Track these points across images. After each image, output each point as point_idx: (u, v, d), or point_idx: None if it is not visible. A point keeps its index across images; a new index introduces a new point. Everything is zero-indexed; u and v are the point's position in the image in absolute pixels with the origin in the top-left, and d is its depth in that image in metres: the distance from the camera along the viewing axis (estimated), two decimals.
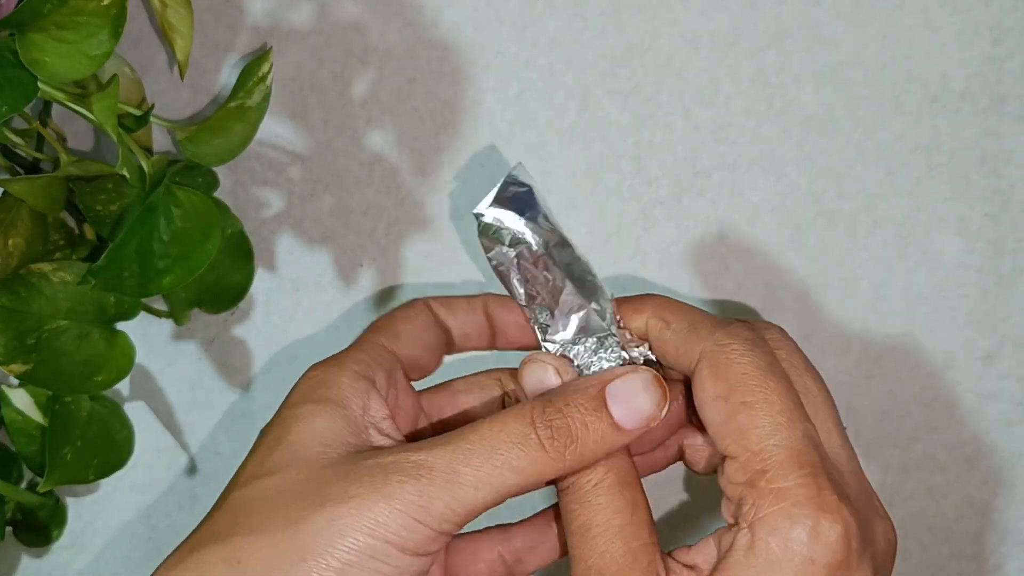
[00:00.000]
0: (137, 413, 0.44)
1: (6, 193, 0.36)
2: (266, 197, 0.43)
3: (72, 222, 0.41)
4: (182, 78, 0.41)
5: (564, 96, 0.41)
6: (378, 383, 0.32)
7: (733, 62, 0.41)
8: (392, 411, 0.32)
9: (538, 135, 0.42)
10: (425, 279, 0.43)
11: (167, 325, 0.43)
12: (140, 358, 0.41)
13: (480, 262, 0.42)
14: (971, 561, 0.40)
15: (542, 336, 0.33)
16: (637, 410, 0.30)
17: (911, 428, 0.41)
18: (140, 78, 0.41)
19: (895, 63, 0.40)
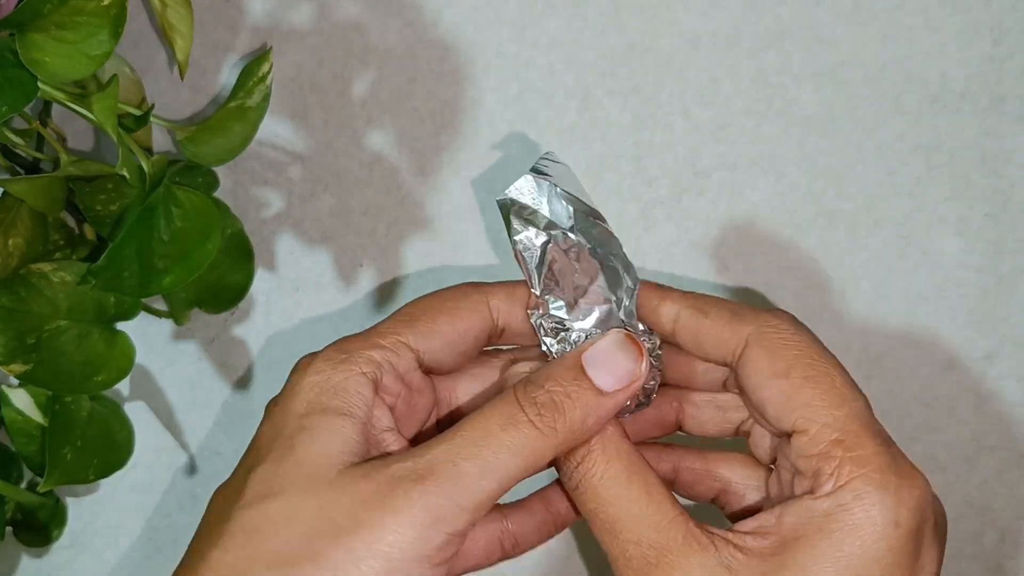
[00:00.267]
0: (137, 413, 0.44)
1: (6, 193, 0.36)
2: (266, 197, 0.43)
3: (72, 222, 0.41)
4: (182, 78, 0.41)
5: (564, 96, 0.41)
6: (387, 387, 0.31)
7: (733, 62, 0.41)
8: (402, 414, 0.32)
9: (538, 135, 0.42)
10: (425, 279, 0.43)
11: (167, 325, 0.43)
12: (140, 358, 0.41)
13: (481, 260, 0.42)
14: (971, 561, 0.40)
15: (543, 333, 0.33)
16: (616, 370, 0.30)
17: (911, 428, 0.41)
18: (140, 78, 0.41)
19: (895, 63, 0.40)
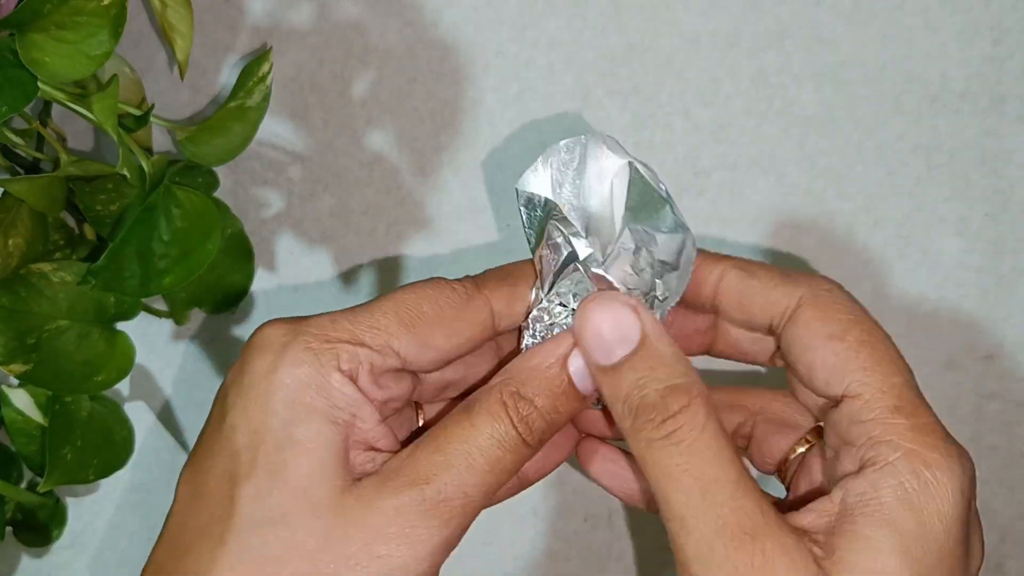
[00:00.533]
0: (137, 413, 0.44)
1: (6, 193, 0.36)
2: (266, 197, 0.43)
3: (72, 222, 0.41)
4: (182, 78, 0.41)
5: (564, 96, 0.41)
6: (363, 387, 0.29)
7: (733, 62, 0.41)
8: (379, 408, 0.30)
9: (538, 135, 0.42)
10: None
11: (167, 325, 0.43)
12: (140, 358, 0.41)
13: (482, 260, 0.42)
14: None
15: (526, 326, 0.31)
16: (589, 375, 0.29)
17: None
18: (140, 78, 0.41)
19: (895, 63, 0.40)
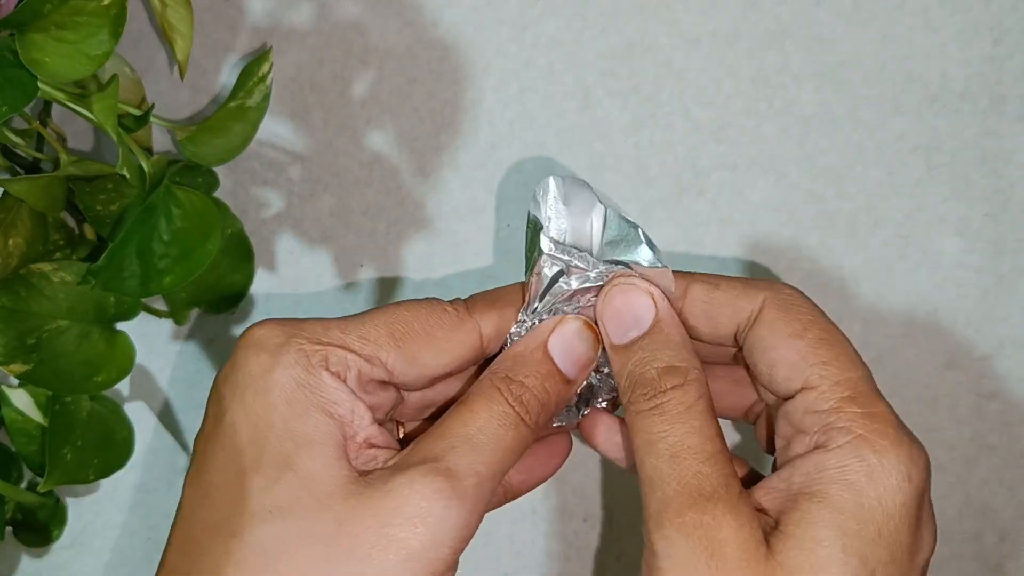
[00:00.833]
0: (137, 413, 0.44)
1: (6, 193, 0.36)
2: (266, 197, 0.43)
3: (72, 222, 0.41)
4: (182, 78, 0.41)
5: (564, 96, 0.41)
6: (351, 387, 0.30)
7: (733, 62, 0.41)
8: (372, 408, 0.31)
9: (538, 135, 0.42)
10: (425, 279, 0.43)
11: (167, 325, 0.43)
12: (140, 358, 0.41)
13: (481, 260, 0.42)
14: (971, 561, 0.40)
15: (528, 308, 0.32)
16: (575, 358, 0.31)
17: (911, 428, 0.41)
18: (140, 78, 0.41)
19: (895, 63, 0.40)
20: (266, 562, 0.27)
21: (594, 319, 0.32)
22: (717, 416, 0.31)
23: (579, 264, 0.32)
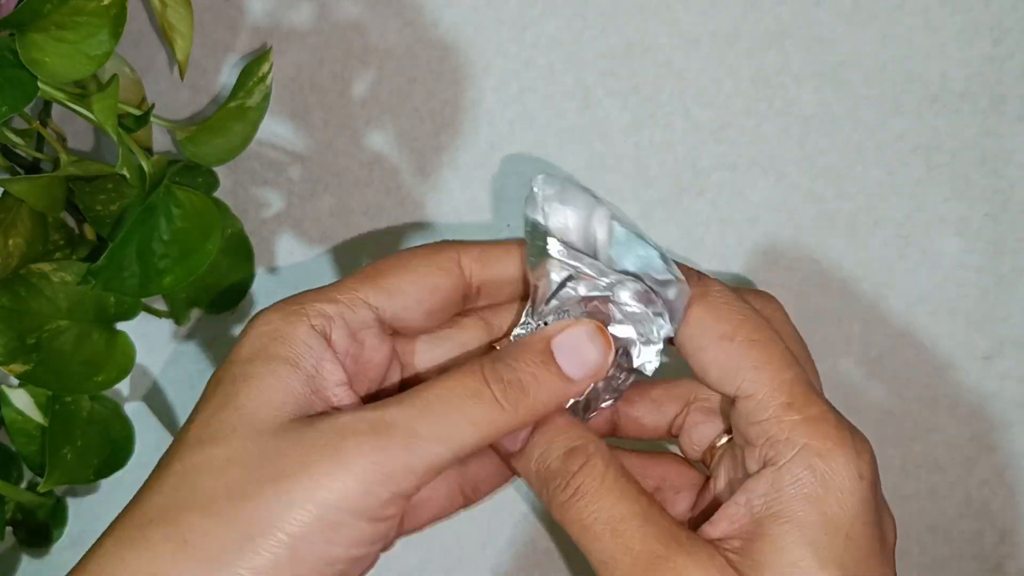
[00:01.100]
0: (137, 413, 0.44)
1: (6, 193, 0.36)
2: (266, 197, 0.43)
3: (72, 222, 0.41)
4: (182, 78, 0.41)
5: (564, 96, 0.41)
6: (337, 342, 0.30)
7: (733, 62, 0.41)
8: (352, 372, 0.31)
9: (538, 135, 0.42)
10: None
11: (167, 325, 0.43)
12: (140, 358, 0.41)
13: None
14: (971, 561, 0.40)
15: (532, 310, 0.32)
16: (583, 360, 0.30)
17: (911, 428, 0.41)
18: (140, 78, 0.41)
19: (895, 63, 0.40)
20: (182, 482, 0.28)
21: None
22: (641, 438, 0.32)
23: (588, 271, 0.31)
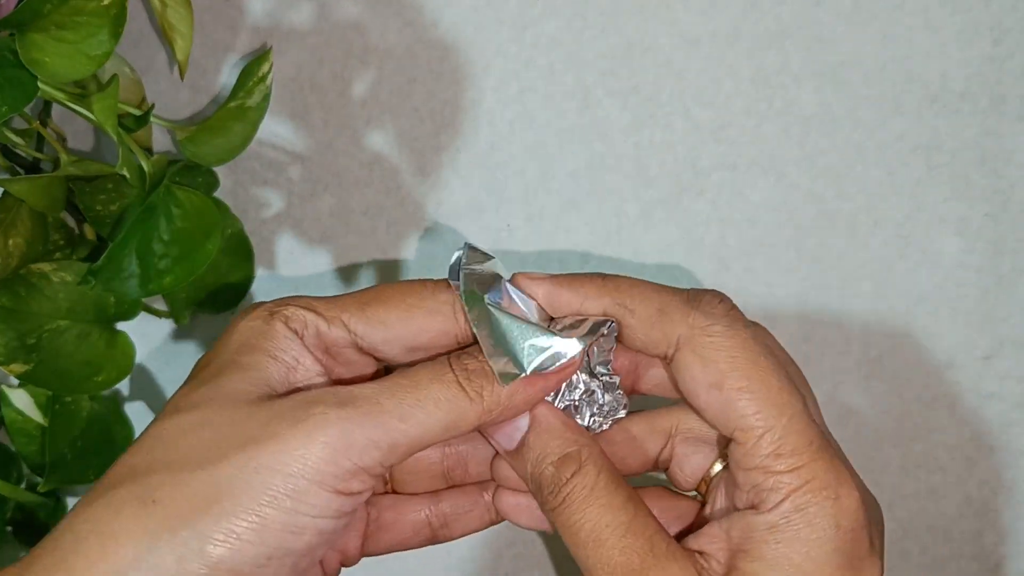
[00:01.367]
0: (137, 413, 0.44)
1: (6, 193, 0.36)
2: (266, 197, 0.43)
3: (72, 222, 0.41)
4: (182, 78, 0.41)
5: (564, 96, 0.41)
6: (310, 347, 0.31)
7: (733, 62, 0.41)
8: (330, 370, 0.31)
9: (538, 135, 0.42)
10: (425, 279, 0.43)
11: (167, 325, 0.43)
12: (140, 358, 0.41)
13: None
14: (971, 561, 0.40)
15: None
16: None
17: (911, 428, 0.41)
18: (140, 78, 0.41)
19: (895, 63, 0.40)
20: (155, 444, 0.28)
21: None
22: (629, 476, 0.32)
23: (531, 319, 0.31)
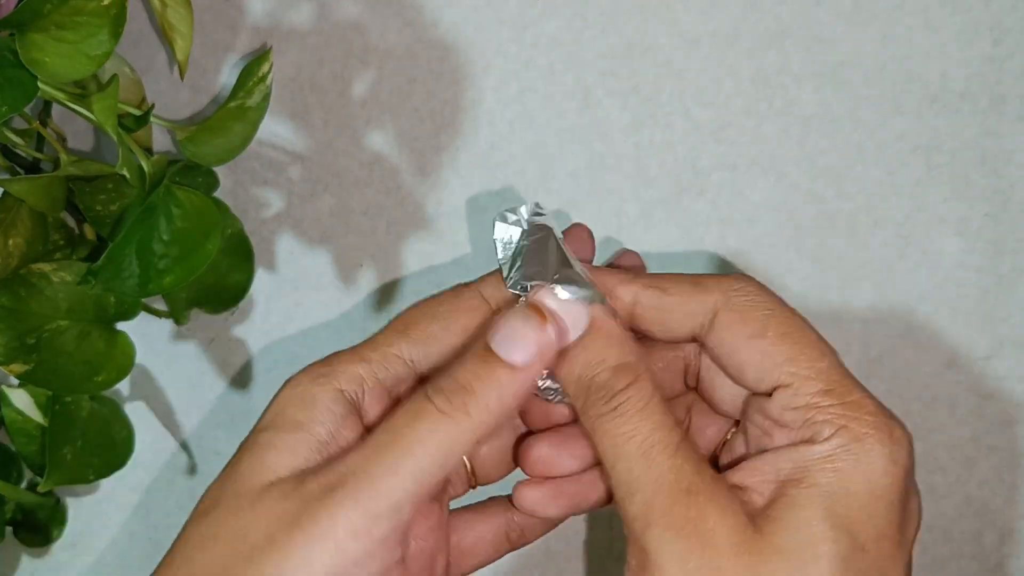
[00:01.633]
0: (137, 413, 0.44)
1: (6, 193, 0.36)
2: (266, 197, 0.43)
3: (72, 222, 0.41)
4: (182, 78, 0.41)
5: (564, 96, 0.41)
6: (366, 405, 0.30)
7: (733, 62, 0.41)
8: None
9: (538, 135, 0.42)
10: (425, 279, 0.43)
11: (167, 325, 0.43)
12: (140, 358, 0.41)
13: (481, 260, 0.42)
14: (971, 561, 0.40)
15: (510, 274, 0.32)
16: (521, 343, 0.29)
17: (911, 428, 0.41)
18: (140, 78, 0.41)
19: (895, 63, 0.40)
20: (183, 560, 0.28)
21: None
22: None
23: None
